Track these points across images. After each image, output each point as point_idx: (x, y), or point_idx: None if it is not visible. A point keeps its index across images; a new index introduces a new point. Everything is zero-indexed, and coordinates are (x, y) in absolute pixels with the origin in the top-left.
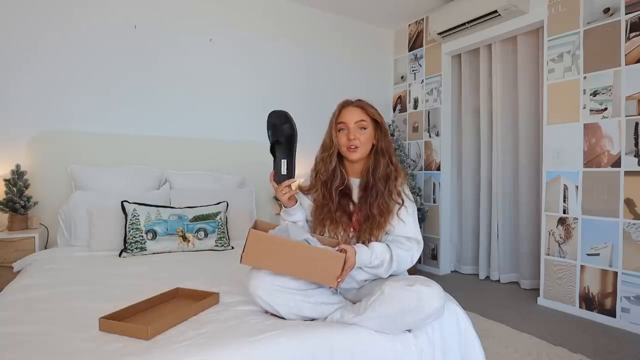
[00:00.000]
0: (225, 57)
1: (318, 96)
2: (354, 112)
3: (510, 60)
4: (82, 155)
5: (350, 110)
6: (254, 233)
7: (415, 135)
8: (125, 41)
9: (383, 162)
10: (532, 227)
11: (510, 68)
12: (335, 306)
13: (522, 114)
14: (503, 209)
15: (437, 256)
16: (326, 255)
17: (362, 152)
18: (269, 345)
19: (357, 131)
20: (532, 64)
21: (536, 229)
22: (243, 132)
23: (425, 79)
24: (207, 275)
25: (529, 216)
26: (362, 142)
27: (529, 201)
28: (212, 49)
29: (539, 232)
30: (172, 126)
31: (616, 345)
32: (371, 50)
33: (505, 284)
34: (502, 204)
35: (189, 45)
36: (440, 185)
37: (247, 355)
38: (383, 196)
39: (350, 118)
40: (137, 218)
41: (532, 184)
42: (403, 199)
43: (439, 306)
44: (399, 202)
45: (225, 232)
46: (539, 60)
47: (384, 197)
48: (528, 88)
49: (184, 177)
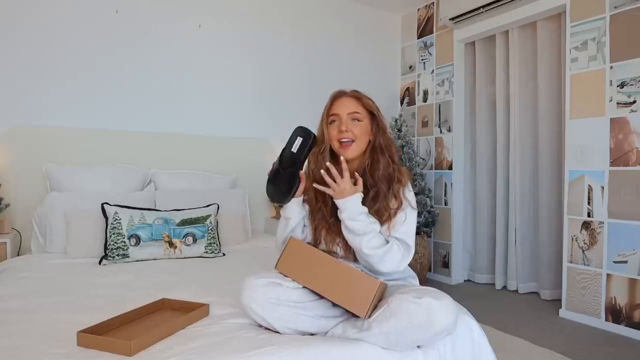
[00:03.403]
0: (216, 44)
1: (319, 87)
2: (348, 102)
3: (529, 48)
4: (59, 153)
5: (343, 101)
6: (294, 241)
7: (425, 131)
8: (106, 27)
9: (383, 161)
10: (553, 231)
11: (529, 57)
12: (336, 320)
13: (542, 108)
14: (521, 211)
15: (449, 264)
16: (359, 279)
17: (356, 148)
18: None
19: (349, 123)
20: (553, 53)
21: (558, 234)
22: (236, 128)
23: (436, 68)
24: (196, 284)
25: (550, 220)
26: (355, 135)
27: (549, 203)
28: (202, 35)
29: (560, 237)
30: (158, 121)
31: None
32: (376, 37)
33: (524, 295)
34: (521, 207)
35: (176, 31)
36: (453, 186)
37: None
38: (386, 199)
39: (343, 109)
40: (119, 222)
41: (553, 185)
42: (402, 202)
43: (451, 321)
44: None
45: (216, 238)
46: (560, 48)
47: (386, 200)
48: (549, 79)
49: (170, 176)
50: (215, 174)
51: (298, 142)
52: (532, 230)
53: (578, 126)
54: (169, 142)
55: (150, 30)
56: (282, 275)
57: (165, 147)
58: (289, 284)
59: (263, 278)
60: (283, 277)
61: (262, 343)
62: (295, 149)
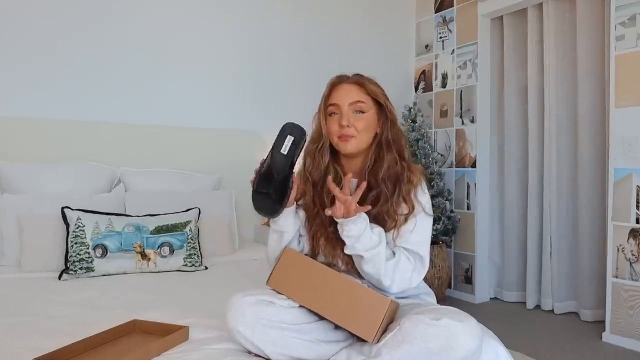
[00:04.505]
0: (199, 21)
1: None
2: (350, 90)
3: (568, 24)
4: (10, 148)
5: (344, 89)
6: (289, 251)
7: (444, 122)
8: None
9: (389, 158)
10: (596, 241)
11: (567, 35)
12: (339, 345)
13: (582, 95)
14: (558, 217)
15: (473, 279)
16: (367, 297)
17: (358, 143)
18: None
19: (352, 116)
20: (596, 30)
21: (601, 244)
22: (221, 119)
23: (457, 48)
24: (174, 303)
25: (592, 227)
26: (359, 129)
27: (591, 208)
28: (181, 10)
29: (604, 248)
30: (129, 111)
31: None
32: (387, 12)
33: (561, 315)
34: (557, 212)
35: (152, 5)
36: (477, 187)
37: None
38: (390, 204)
39: (344, 99)
40: (83, 230)
41: (596, 185)
42: (414, 206)
43: (475, 346)
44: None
45: (197, 248)
46: (604, 24)
47: (391, 205)
48: (590, 61)
49: (143, 176)
50: (196, 173)
51: (289, 142)
52: (571, 239)
53: (625, 116)
54: (141, 136)
55: (119, 3)
56: (275, 293)
57: (138, 142)
58: (283, 303)
59: (252, 296)
60: (276, 295)
61: None
62: (286, 150)
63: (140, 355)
